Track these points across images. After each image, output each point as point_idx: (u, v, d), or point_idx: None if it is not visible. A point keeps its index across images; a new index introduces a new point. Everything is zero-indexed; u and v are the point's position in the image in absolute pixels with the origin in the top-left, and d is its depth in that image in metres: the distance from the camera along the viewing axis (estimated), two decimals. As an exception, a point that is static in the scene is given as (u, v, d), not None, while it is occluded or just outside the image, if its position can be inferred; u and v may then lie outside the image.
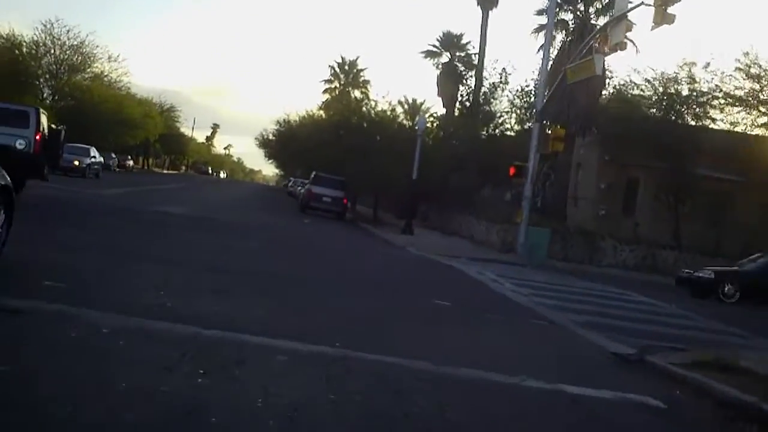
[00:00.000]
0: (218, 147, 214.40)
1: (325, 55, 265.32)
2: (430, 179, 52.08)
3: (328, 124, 61.24)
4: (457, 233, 47.57)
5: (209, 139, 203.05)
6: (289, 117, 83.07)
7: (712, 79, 41.55)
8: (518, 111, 53.05)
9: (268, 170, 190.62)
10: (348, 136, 52.88)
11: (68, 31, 76.49)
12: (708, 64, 41.17)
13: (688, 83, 42.00)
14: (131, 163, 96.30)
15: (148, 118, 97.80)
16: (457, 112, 60.78)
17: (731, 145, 41.55)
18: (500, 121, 54.36)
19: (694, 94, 42.01)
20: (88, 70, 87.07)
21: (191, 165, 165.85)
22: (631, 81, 43.81)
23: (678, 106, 42.22)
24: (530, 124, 51.73)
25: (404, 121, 55.76)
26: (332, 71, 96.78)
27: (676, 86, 42.32)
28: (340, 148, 52.31)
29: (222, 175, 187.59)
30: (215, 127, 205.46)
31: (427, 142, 46.64)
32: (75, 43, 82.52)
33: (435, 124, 54.66)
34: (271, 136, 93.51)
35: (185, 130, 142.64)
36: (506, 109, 54.26)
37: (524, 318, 15.46)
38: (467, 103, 57.09)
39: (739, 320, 20.50)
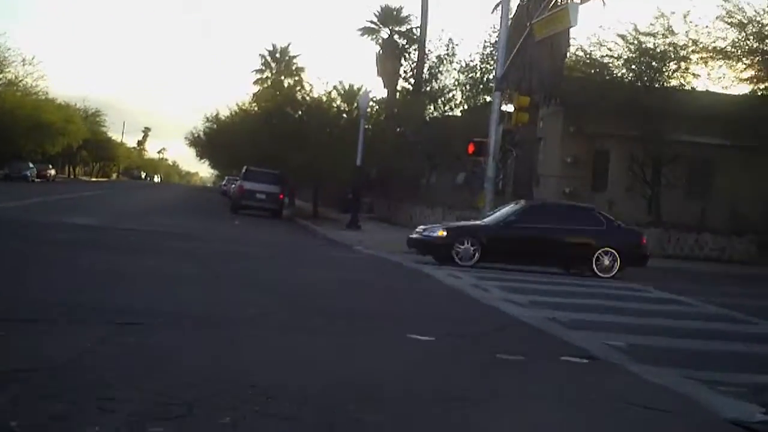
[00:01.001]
0: (151, 151, 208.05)
1: (257, 44, 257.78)
2: (374, 167, 47.57)
3: (260, 115, 55.94)
4: (407, 224, 42.52)
5: (141, 143, 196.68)
6: (218, 112, 77.57)
7: (690, 31, 36.85)
8: (464, 88, 48.32)
9: (205, 171, 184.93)
10: (281, 125, 47.72)
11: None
12: (688, 13, 36.47)
13: (665, 36, 37.14)
14: (53, 172, 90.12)
15: (70, 124, 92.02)
16: (399, 91, 55.76)
17: (712, 105, 36.94)
18: (448, 97, 49.41)
19: (673, 48, 37.16)
20: (0, 75, 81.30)
21: (123, 171, 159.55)
22: (598, 40, 38.83)
23: (655, 63, 37.34)
24: (480, 100, 47.48)
25: (342, 106, 50.54)
26: (263, 60, 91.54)
27: (653, 40, 37.44)
28: (273, 139, 47.11)
29: (156, 179, 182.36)
30: (146, 131, 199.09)
31: (368, 131, 41.71)
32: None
33: (375, 109, 49.52)
34: (201, 135, 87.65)
35: (114, 135, 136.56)
36: (453, 86, 49.60)
37: (548, 352, 10.21)
38: (411, 80, 52.15)
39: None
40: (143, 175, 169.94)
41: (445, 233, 23.16)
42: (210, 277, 15.17)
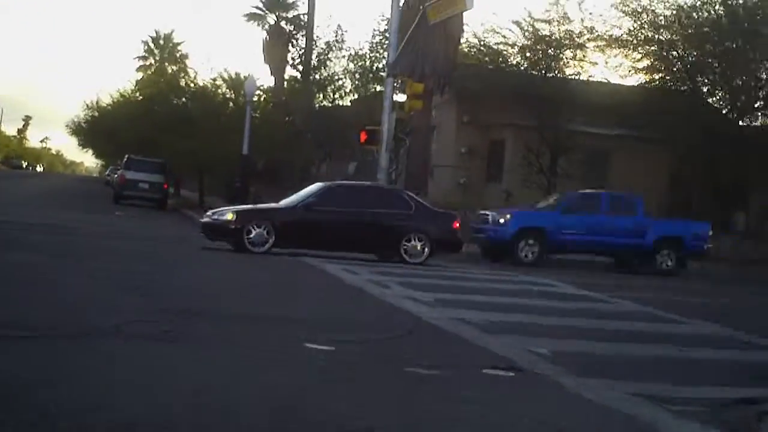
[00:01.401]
0: (34, 141, 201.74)
1: (140, 30, 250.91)
2: (262, 157, 46.05)
3: (142, 102, 53.75)
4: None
5: (21, 132, 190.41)
6: (98, 99, 74.62)
7: (586, 18, 36.08)
8: (354, 77, 46.96)
9: (91, 161, 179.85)
10: (164, 112, 45.82)
11: None
12: (583, 0, 35.59)
13: (560, 24, 36.28)
14: None
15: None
16: (287, 80, 53.99)
17: (609, 95, 36.33)
18: (338, 85, 47.96)
19: (569, 36, 36.32)
20: None
21: (3, 160, 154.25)
22: (492, 27, 37.75)
23: (552, 51, 36.42)
24: (371, 89, 46.14)
25: (228, 93, 48.72)
26: (146, 47, 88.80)
27: (548, 27, 36.55)
28: (155, 127, 45.18)
29: (38, 169, 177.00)
30: (27, 119, 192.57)
31: (255, 119, 40.17)
32: None
33: (262, 97, 47.84)
34: (82, 123, 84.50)
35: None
36: (342, 75, 48.16)
37: (466, 362, 8.86)
38: (299, 68, 50.46)
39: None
40: (24, 164, 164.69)
41: (234, 217, 21.24)
42: (79, 277, 13.46)
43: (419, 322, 11.20)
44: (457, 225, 23.29)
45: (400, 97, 34.22)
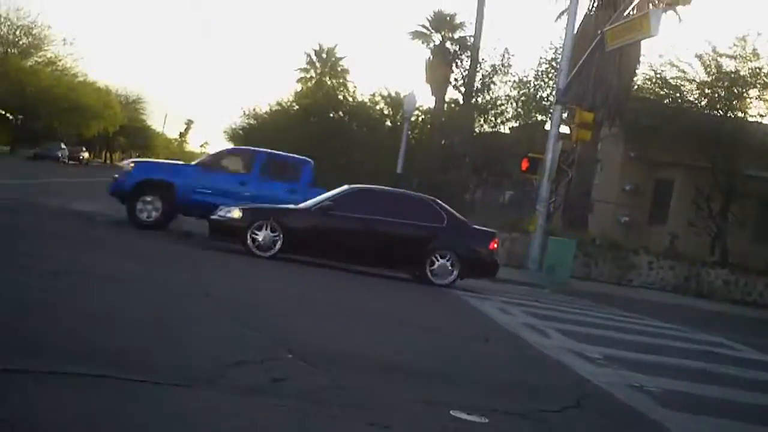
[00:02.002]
0: (194, 144, 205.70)
1: (303, 43, 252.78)
2: (416, 177, 44.71)
3: (298, 112, 53.04)
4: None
5: (182, 135, 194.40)
6: (257, 108, 74.50)
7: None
8: (516, 104, 45.20)
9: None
10: (320, 123, 44.93)
11: (18, 9, 68.20)
12: (775, 35, 33.09)
13: (747, 60, 33.77)
14: (86, 155, 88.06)
15: (108, 109, 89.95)
16: (448, 102, 52.58)
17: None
18: (500, 110, 46.24)
19: (756, 73, 33.79)
20: (40, 53, 79.35)
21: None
22: (670, 60, 35.47)
23: (736, 89, 33.93)
24: (532, 118, 44.37)
25: (386, 110, 47.63)
26: (308, 59, 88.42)
27: (734, 63, 34.10)
28: (310, 138, 44.23)
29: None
30: (189, 123, 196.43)
31: (412, 139, 38.95)
32: (25, 23, 74.80)
33: (421, 119, 46.61)
34: (240, 131, 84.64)
35: (154, 124, 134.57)
36: (504, 101, 46.46)
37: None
38: (461, 89, 48.96)
39: None
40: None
41: (240, 214, 19.01)
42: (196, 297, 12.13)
43: (588, 387, 9.41)
44: (495, 245, 20.68)
45: (563, 128, 32.29)
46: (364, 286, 17.94)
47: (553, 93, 40.76)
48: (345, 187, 21.05)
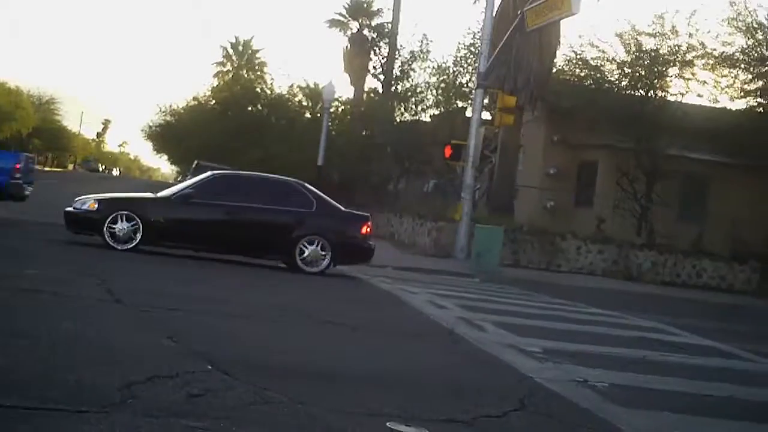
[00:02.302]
0: (112, 144, 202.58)
1: (220, 36, 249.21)
2: (337, 170, 44.01)
3: (215, 107, 51.98)
4: (374, 234, 38.73)
5: (100, 135, 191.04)
6: (173, 104, 73.15)
7: (695, 33, 33.28)
8: (436, 91, 44.65)
9: (168, 167, 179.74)
10: (238, 118, 44.00)
11: None
12: (693, 12, 32.86)
13: (667, 38, 33.51)
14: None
15: (19, 109, 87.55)
16: (367, 91, 51.93)
17: (712, 119, 33.55)
18: (420, 98, 45.66)
19: (676, 51, 33.54)
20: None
21: (81, 163, 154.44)
22: (590, 40, 35.10)
23: (657, 67, 33.64)
24: (453, 105, 43.88)
25: (305, 101, 46.77)
26: (224, 53, 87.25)
27: (653, 41, 33.79)
28: (228, 133, 43.35)
29: (115, 172, 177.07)
30: (106, 123, 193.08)
31: (332, 129, 38.21)
32: None
33: (341, 109, 45.87)
34: (156, 128, 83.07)
35: (71, 125, 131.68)
36: (424, 88, 45.91)
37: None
38: (380, 77, 48.35)
39: None
40: (101, 167, 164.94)
41: (96, 205, 17.91)
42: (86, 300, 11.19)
43: (531, 386, 8.74)
44: (367, 229, 19.66)
45: (485, 114, 31.77)
46: (253, 279, 17.03)
47: (473, 79, 40.34)
48: (207, 173, 20.24)
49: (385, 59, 48.98)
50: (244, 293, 14.30)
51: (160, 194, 19.20)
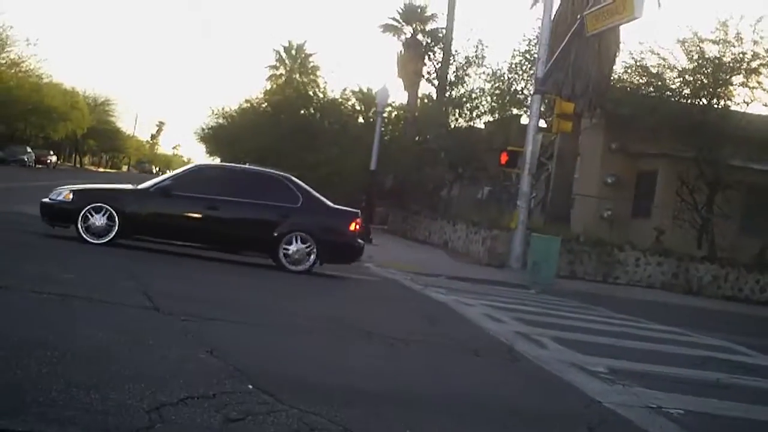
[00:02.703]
0: (166, 146, 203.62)
1: (273, 40, 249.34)
2: (390, 175, 43.51)
3: (268, 110, 51.60)
4: (426, 241, 38.21)
5: (154, 137, 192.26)
6: (226, 107, 72.96)
7: (760, 41, 32.24)
8: (490, 98, 43.95)
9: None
10: (289, 121, 43.56)
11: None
12: (760, 19, 31.78)
13: (731, 45, 32.52)
14: (54, 158, 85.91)
15: (75, 110, 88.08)
16: (421, 97, 51.31)
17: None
18: (475, 104, 44.93)
19: (741, 58, 32.53)
20: (2, 55, 77.35)
21: (135, 164, 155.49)
22: (650, 47, 34.21)
23: (721, 75, 32.67)
24: (507, 112, 43.18)
25: (358, 105, 46.24)
26: (277, 56, 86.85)
27: (717, 48, 32.81)
28: (279, 136, 42.92)
29: (167, 173, 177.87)
30: (161, 125, 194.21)
31: (385, 135, 37.69)
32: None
33: (395, 114, 45.28)
34: (209, 130, 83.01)
35: (125, 126, 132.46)
36: (479, 94, 45.17)
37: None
38: (434, 82, 47.72)
39: None
40: (155, 169, 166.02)
41: (71, 197, 17.08)
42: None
43: (600, 411, 8.06)
44: (356, 226, 18.61)
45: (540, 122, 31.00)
46: (262, 280, 16.35)
47: (528, 86, 39.74)
48: (190, 165, 19.58)
49: (439, 64, 48.39)
50: (278, 299, 13.69)
51: (139, 186, 18.34)
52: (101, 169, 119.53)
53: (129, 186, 18.97)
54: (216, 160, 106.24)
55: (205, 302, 11.40)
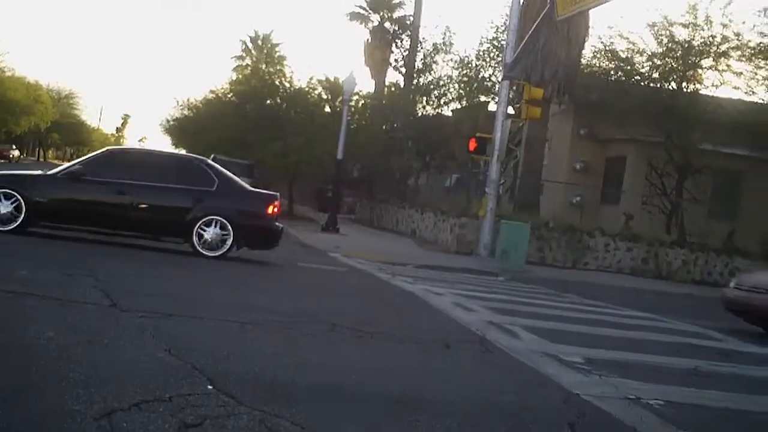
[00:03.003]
0: (132, 139, 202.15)
1: (239, 31, 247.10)
2: (358, 164, 43.19)
3: (233, 100, 50.97)
4: (393, 229, 37.87)
5: (119, 130, 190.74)
6: (190, 98, 72.24)
7: (728, 24, 32.06)
8: (457, 85, 43.67)
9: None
10: (255, 111, 43.00)
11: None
12: (729, 2, 31.57)
13: (700, 29, 32.34)
14: (16, 153, 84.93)
15: (38, 104, 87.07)
16: (388, 85, 50.90)
17: (745, 112, 32.40)
18: (443, 91, 44.62)
19: (710, 41, 32.35)
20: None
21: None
22: (618, 32, 34.02)
23: (691, 58, 32.48)
24: (475, 100, 42.92)
25: (324, 94, 45.70)
26: (243, 47, 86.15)
27: (687, 32, 32.63)
28: (245, 126, 42.37)
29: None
30: (126, 118, 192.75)
31: (352, 123, 37.27)
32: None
33: (361, 103, 44.82)
34: (173, 122, 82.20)
35: (90, 120, 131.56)
36: (446, 81, 44.88)
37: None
38: (402, 70, 47.30)
39: None
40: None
41: None
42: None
43: (578, 405, 7.70)
44: (273, 209, 17.84)
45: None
46: (222, 272, 15.58)
47: (496, 73, 39.48)
48: (102, 149, 18.96)
49: (406, 52, 47.97)
50: (241, 293, 13.25)
51: (48, 171, 17.76)
52: (66, 163, 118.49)
53: (37, 171, 18.32)
54: (182, 152, 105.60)
55: (163, 296, 10.96)
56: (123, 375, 6.21)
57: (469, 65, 43.31)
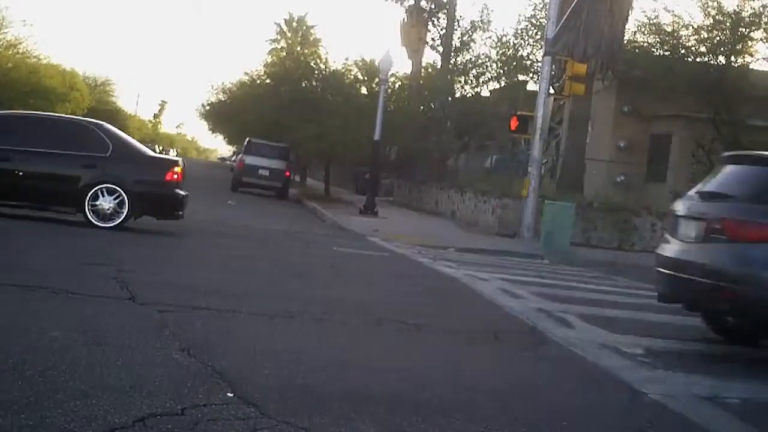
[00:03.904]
0: (169, 126, 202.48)
1: (274, 13, 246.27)
2: (395, 146, 42.46)
3: (268, 83, 50.41)
4: (432, 211, 37.00)
5: (157, 116, 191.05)
6: (226, 82, 71.87)
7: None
8: (495, 64, 42.74)
9: (225, 147, 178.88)
10: (291, 93, 42.40)
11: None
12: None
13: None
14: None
15: (74, 91, 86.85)
16: (425, 66, 49.99)
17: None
18: (480, 70, 43.74)
19: (762, 12, 31.23)
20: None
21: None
22: (663, 5, 33.00)
23: (739, 31, 31.38)
24: (513, 79, 42.07)
25: (360, 77, 44.99)
26: (278, 29, 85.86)
27: (738, 2, 31.56)
28: (281, 109, 41.77)
29: (171, 153, 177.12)
30: (163, 104, 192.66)
31: (389, 105, 36.52)
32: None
33: (398, 84, 44.02)
34: (208, 106, 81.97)
35: (126, 106, 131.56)
36: (485, 60, 44.00)
37: None
38: (439, 49, 46.34)
39: None
40: (158, 148, 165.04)
41: None
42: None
43: (647, 405, 6.88)
44: (174, 175, 16.61)
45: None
46: (258, 260, 15.09)
47: (534, 52, 38.53)
48: None
49: (443, 30, 46.96)
50: (274, 282, 12.50)
51: None
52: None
53: None
54: (219, 138, 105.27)
55: (187, 288, 10.20)
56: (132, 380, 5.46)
57: (507, 44, 42.39)
